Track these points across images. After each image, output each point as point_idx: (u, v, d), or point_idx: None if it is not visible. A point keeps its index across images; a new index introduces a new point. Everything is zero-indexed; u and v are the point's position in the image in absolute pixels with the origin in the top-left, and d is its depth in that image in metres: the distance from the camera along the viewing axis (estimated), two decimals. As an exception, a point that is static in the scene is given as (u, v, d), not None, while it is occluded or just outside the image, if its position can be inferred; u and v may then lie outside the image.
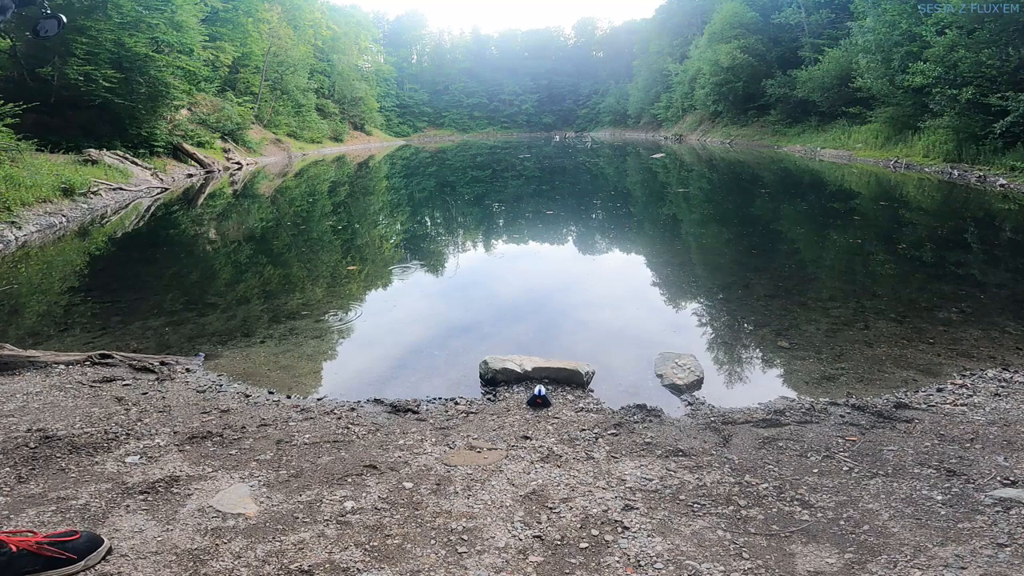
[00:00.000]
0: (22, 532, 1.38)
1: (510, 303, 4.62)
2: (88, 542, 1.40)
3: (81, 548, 1.37)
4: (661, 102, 45.73)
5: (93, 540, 1.41)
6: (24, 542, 1.32)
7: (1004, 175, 11.64)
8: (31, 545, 1.32)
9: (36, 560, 1.31)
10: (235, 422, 2.23)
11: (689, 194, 11.93)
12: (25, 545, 1.32)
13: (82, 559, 1.36)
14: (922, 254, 5.87)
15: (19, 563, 1.29)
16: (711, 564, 1.43)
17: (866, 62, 18.00)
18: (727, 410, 2.44)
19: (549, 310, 4.34)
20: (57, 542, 1.35)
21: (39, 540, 1.33)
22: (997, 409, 2.34)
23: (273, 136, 24.48)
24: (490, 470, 1.87)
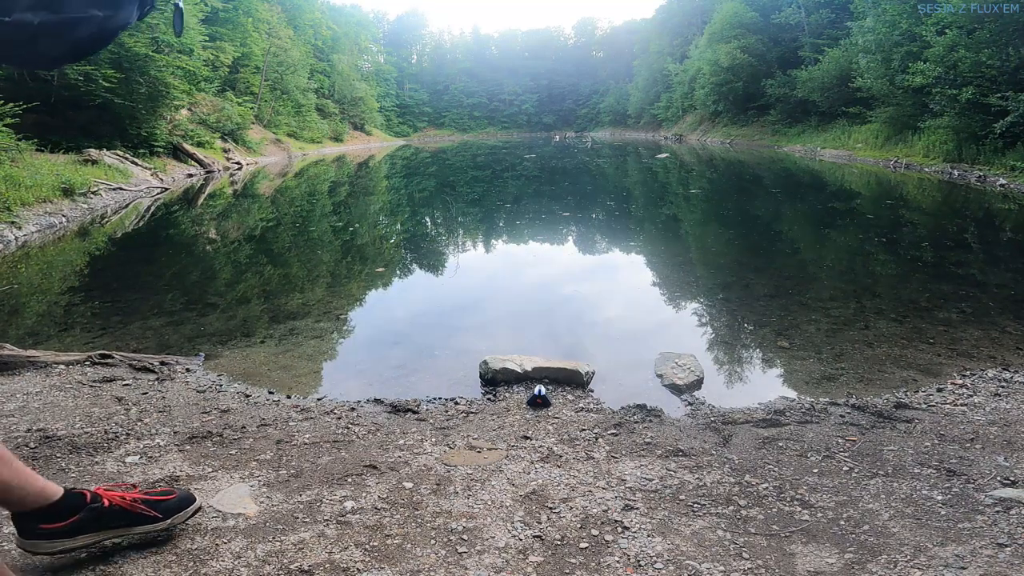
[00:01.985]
0: (121, 487, 1.42)
1: (510, 303, 4.63)
2: (179, 502, 1.45)
3: (171, 508, 1.43)
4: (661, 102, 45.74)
5: (184, 500, 1.46)
6: (118, 497, 1.36)
7: (1004, 175, 11.64)
8: (124, 501, 1.37)
9: (125, 516, 1.36)
10: (235, 422, 2.23)
11: (690, 194, 11.94)
12: (118, 501, 1.36)
13: (167, 519, 1.42)
14: (922, 254, 5.87)
15: (108, 518, 1.35)
16: (711, 564, 1.43)
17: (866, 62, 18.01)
18: (727, 410, 2.45)
19: (549, 310, 4.34)
20: (150, 500, 1.39)
21: (134, 496, 1.38)
22: (997, 409, 2.34)
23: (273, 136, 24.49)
24: (490, 470, 1.87)
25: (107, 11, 0.74)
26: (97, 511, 1.34)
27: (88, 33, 0.75)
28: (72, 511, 1.31)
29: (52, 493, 1.30)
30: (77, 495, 1.32)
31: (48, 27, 0.70)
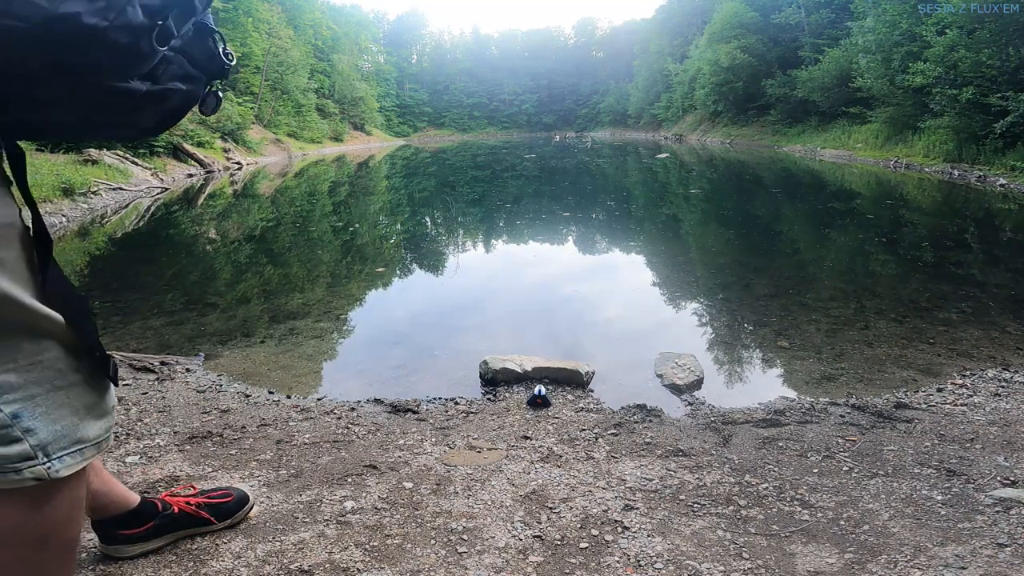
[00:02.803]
0: (181, 492, 1.51)
1: (510, 303, 4.63)
2: (236, 503, 1.54)
3: (231, 509, 1.52)
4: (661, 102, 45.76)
5: (240, 500, 1.55)
6: (183, 503, 1.45)
7: (1004, 175, 11.65)
8: (189, 507, 1.45)
9: (192, 520, 1.46)
10: (235, 422, 2.23)
11: (690, 194, 11.94)
12: (183, 507, 1.44)
13: (223, 520, 1.51)
14: (922, 254, 5.87)
15: (179, 523, 1.44)
16: (711, 564, 1.43)
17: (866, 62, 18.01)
18: (727, 410, 2.45)
19: (549, 310, 4.34)
20: (211, 504, 1.49)
21: (197, 502, 1.46)
22: (997, 409, 2.34)
23: (273, 136, 24.50)
24: (490, 470, 1.87)
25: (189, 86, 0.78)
26: (170, 517, 1.42)
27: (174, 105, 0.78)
28: (148, 517, 1.38)
29: (132, 500, 1.36)
30: (150, 503, 1.40)
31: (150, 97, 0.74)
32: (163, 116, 0.78)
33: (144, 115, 0.76)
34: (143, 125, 0.78)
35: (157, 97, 0.74)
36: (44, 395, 0.78)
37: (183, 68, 0.76)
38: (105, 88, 0.70)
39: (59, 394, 0.79)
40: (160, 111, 0.77)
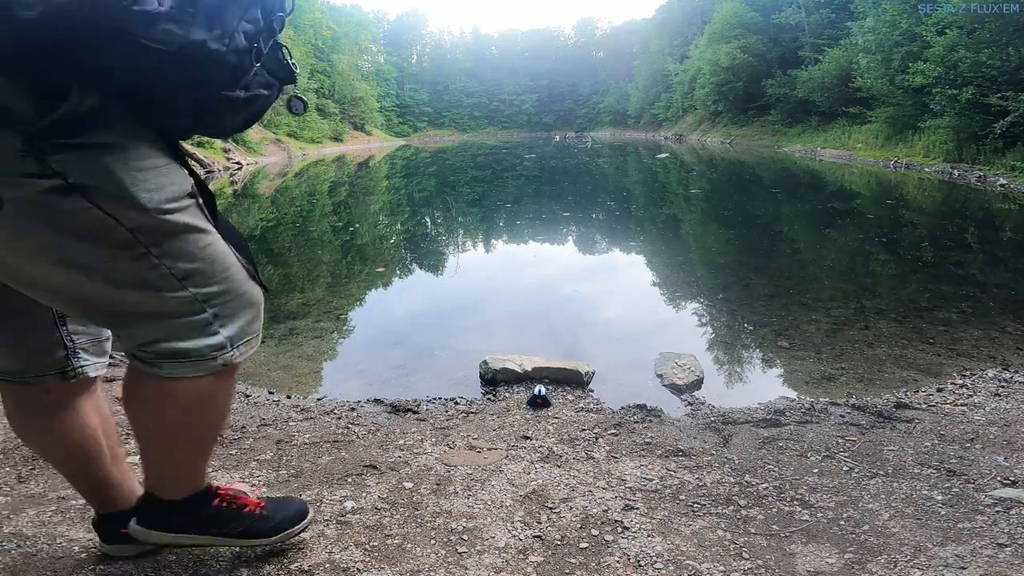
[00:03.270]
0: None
1: (510, 303, 4.63)
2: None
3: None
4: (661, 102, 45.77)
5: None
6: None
7: (1004, 175, 11.65)
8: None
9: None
10: (235, 422, 2.23)
11: (690, 194, 11.94)
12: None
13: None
14: (922, 254, 5.87)
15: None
16: (711, 564, 1.43)
17: (866, 62, 18.02)
18: (727, 410, 2.45)
19: (549, 310, 4.34)
20: None
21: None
22: (997, 409, 2.34)
23: (273, 136, 24.50)
24: (490, 470, 1.87)
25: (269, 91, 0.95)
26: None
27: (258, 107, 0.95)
28: None
29: (135, 495, 1.34)
30: None
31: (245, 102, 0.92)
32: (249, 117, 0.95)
33: (238, 117, 0.94)
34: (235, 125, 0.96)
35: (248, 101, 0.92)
36: (232, 300, 1.04)
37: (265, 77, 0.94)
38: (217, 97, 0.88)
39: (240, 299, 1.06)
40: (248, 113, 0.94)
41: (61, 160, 0.84)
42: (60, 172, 0.85)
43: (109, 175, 0.87)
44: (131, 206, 0.89)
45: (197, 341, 1.01)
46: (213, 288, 1.01)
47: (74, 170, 0.85)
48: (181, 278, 0.97)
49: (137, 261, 0.93)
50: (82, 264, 0.91)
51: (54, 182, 0.85)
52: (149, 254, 0.93)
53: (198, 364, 1.02)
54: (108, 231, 0.90)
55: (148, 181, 0.90)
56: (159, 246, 0.94)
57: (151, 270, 0.94)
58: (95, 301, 0.97)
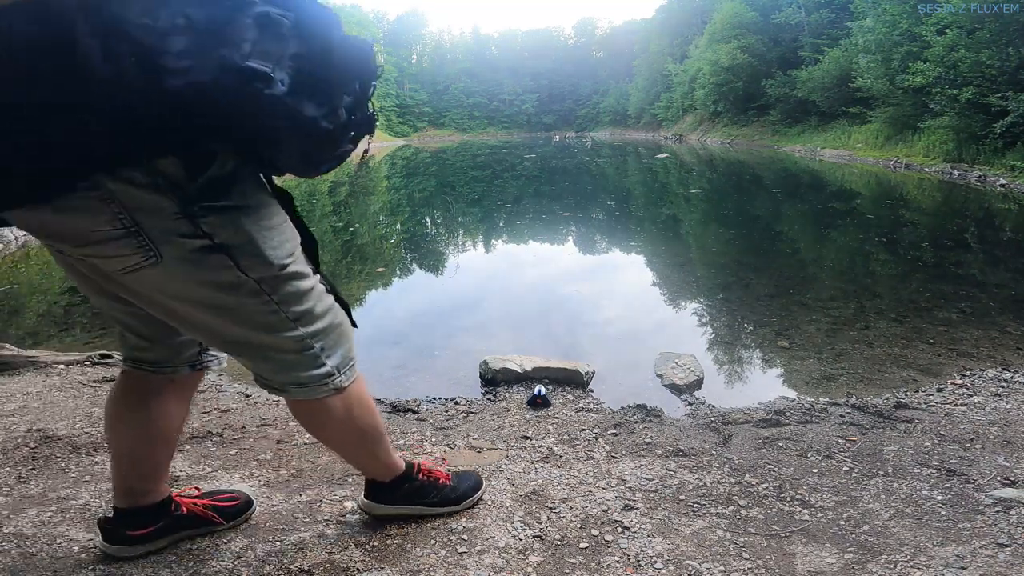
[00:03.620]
0: (187, 491, 1.53)
1: (510, 303, 4.63)
2: (244, 505, 1.56)
3: (234, 512, 1.55)
4: (661, 102, 45.77)
5: (247, 504, 1.57)
6: (191, 504, 1.47)
7: (1004, 175, 11.65)
8: (196, 507, 1.47)
9: (198, 521, 1.48)
10: (235, 422, 2.23)
11: (690, 194, 11.94)
12: (191, 507, 1.47)
13: (229, 522, 1.53)
14: (922, 254, 5.87)
15: (185, 523, 1.46)
16: (711, 564, 1.43)
17: (866, 62, 18.02)
18: (727, 410, 2.45)
19: (549, 310, 4.34)
20: (218, 507, 1.52)
21: (205, 503, 1.49)
22: (997, 409, 2.34)
23: (273, 136, 24.49)
24: (490, 470, 1.87)
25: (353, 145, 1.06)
26: (177, 518, 1.45)
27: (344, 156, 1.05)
28: (157, 517, 1.42)
29: (163, 493, 1.42)
30: (166, 501, 1.43)
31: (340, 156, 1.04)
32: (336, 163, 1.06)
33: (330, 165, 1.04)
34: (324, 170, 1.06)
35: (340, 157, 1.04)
36: (333, 333, 1.20)
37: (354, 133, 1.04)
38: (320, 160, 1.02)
39: (340, 332, 1.22)
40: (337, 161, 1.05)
41: (210, 223, 0.99)
42: (208, 233, 0.99)
43: (245, 235, 1.03)
44: (261, 263, 1.05)
45: (311, 372, 1.18)
46: (319, 325, 1.17)
47: (220, 232, 1.00)
48: (294, 320, 1.13)
49: (262, 307, 1.09)
50: (220, 309, 1.08)
51: (204, 242, 0.99)
52: (271, 301, 1.09)
53: (315, 389, 1.20)
54: (243, 283, 1.06)
55: (273, 239, 1.06)
56: (278, 293, 1.09)
57: (272, 314, 1.10)
58: (229, 339, 1.15)
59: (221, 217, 1.00)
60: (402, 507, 1.52)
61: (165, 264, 0.99)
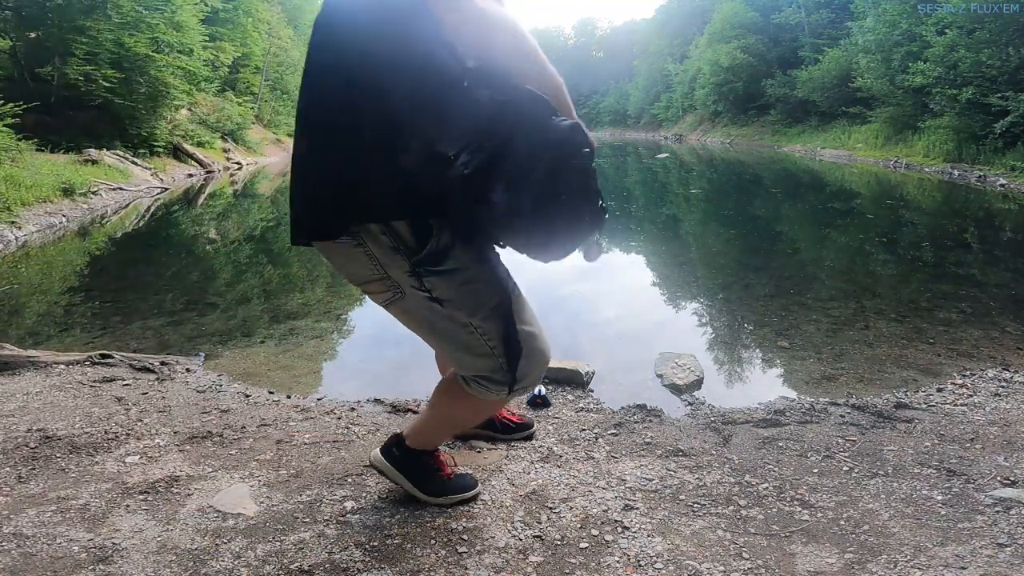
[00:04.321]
0: None
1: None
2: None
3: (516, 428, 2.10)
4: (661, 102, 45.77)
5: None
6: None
7: (1004, 175, 11.65)
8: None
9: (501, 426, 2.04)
10: (235, 422, 2.23)
11: (690, 194, 11.94)
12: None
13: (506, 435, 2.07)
14: (922, 254, 5.87)
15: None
16: (711, 564, 1.43)
17: (866, 62, 18.03)
18: (727, 410, 2.44)
19: (549, 310, 4.34)
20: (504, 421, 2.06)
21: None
22: (997, 409, 2.34)
23: (273, 136, 24.46)
24: (490, 470, 1.87)
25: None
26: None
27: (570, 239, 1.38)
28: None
29: None
30: None
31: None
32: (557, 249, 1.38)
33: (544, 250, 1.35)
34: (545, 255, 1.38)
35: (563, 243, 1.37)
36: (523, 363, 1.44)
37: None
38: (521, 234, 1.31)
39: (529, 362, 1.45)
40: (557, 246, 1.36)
41: (431, 282, 1.30)
42: (429, 289, 1.31)
43: (453, 292, 1.32)
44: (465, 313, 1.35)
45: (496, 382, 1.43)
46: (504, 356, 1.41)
47: (436, 289, 1.31)
48: (492, 347, 1.39)
49: (470, 335, 1.38)
50: (442, 333, 1.40)
51: (427, 294, 1.32)
52: (475, 332, 1.37)
53: (489, 393, 1.45)
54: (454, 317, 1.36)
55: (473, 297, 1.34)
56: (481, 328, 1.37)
57: (475, 340, 1.38)
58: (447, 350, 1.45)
59: (437, 279, 1.30)
60: (397, 473, 1.66)
61: (406, 300, 1.35)
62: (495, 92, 1.14)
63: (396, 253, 1.28)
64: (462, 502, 1.67)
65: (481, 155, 1.12)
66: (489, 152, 1.12)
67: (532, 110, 1.15)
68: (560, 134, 1.15)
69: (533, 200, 1.14)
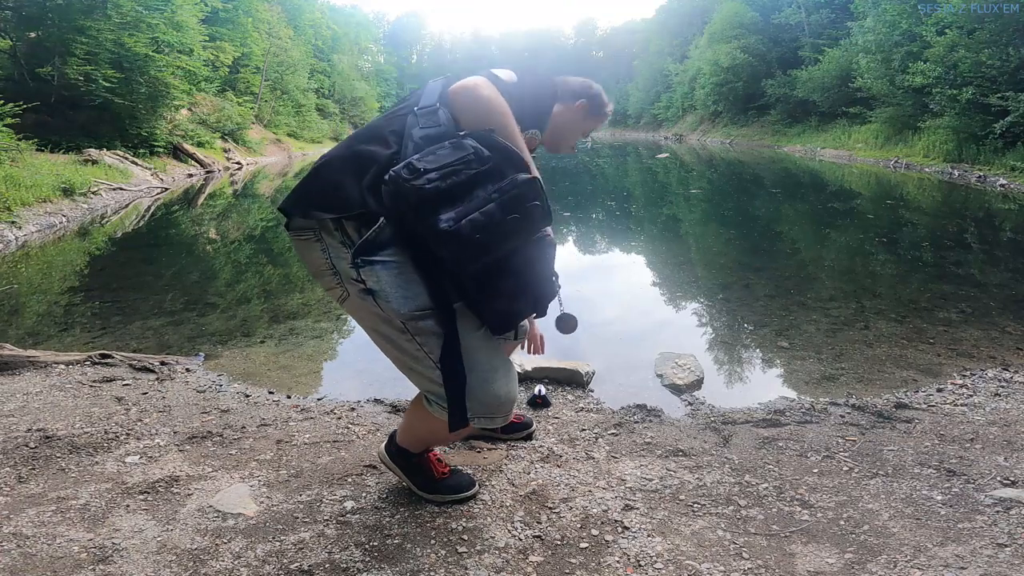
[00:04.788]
0: None
1: (510, 303, 4.61)
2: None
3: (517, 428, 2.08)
4: (661, 102, 45.74)
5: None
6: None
7: (1004, 175, 11.65)
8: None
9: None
10: (235, 422, 2.23)
11: (690, 194, 11.94)
12: None
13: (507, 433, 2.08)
14: (922, 254, 5.87)
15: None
16: (711, 564, 1.43)
17: (866, 62, 18.02)
18: (727, 410, 2.44)
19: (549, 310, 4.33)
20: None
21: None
22: (997, 409, 2.34)
23: (273, 136, 24.46)
24: (490, 470, 1.87)
25: None
26: None
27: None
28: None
29: None
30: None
31: None
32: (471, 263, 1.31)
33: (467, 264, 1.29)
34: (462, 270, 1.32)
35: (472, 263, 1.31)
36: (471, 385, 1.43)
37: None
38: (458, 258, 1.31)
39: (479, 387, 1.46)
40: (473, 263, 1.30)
41: (365, 272, 1.32)
42: (363, 280, 1.33)
43: (384, 283, 1.33)
44: (394, 309, 1.34)
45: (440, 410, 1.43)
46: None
47: (370, 279, 1.33)
48: (436, 361, 1.38)
49: (409, 343, 1.39)
50: (386, 336, 1.42)
51: (362, 287, 1.34)
52: (415, 340, 1.38)
53: (443, 413, 1.42)
54: (391, 320, 1.37)
55: (403, 289, 1.33)
56: (419, 336, 1.37)
57: (417, 351, 1.39)
58: (393, 359, 1.46)
59: (370, 269, 1.32)
60: (397, 469, 1.72)
61: (351, 300, 1.39)
62: (480, 144, 1.29)
63: (343, 247, 1.35)
64: (458, 501, 1.68)
65: (452, 180, 1.24)
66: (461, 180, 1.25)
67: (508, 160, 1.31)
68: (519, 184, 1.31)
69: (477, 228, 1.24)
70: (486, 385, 1.41)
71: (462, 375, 1.38)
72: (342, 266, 1.36)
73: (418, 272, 1.35)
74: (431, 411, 1.47)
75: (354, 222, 1.33)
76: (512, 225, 1.28)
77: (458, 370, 1.38)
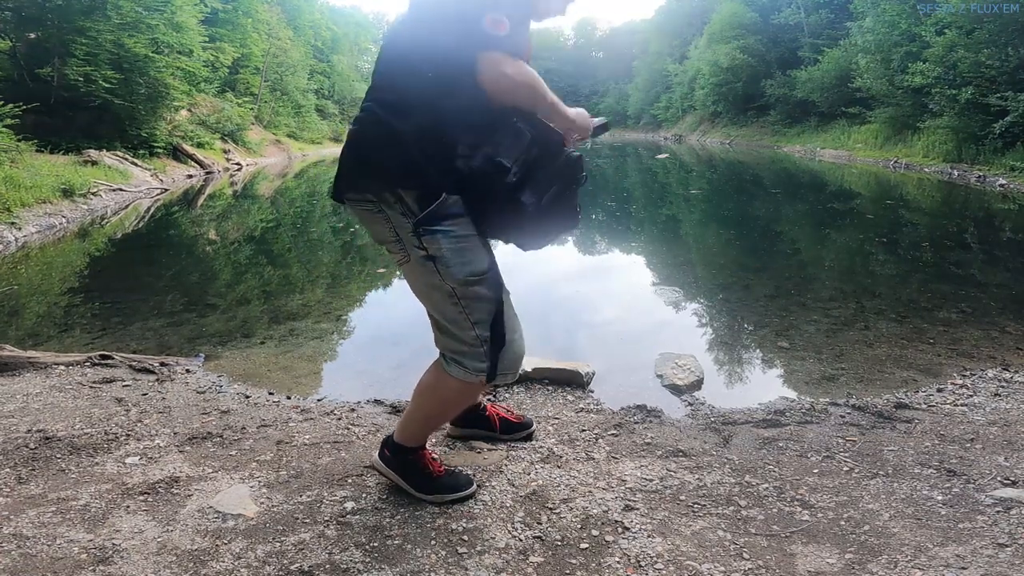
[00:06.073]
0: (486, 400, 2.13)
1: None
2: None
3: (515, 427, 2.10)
4: (661, 102, 45.76)
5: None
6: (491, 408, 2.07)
7: (1004, 175, 11.66)
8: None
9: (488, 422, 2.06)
10: (235, 423, 2.23)
11: (690, 195, 11.95)
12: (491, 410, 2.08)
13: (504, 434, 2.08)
14: (922, 254, 5.88)
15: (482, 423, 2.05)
16: (711, 564, 1.43)
17: (866, 62, 18.03)
18: (727, 410, 2.44)
19: (549, 310, 4.34)
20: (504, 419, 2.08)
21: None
22: (997, 409, 2.34)
23: (273, 137, 24.45)
24: (490, 471, 1.87)
25: None
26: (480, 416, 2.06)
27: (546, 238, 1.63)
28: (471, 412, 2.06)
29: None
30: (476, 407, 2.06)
31: None
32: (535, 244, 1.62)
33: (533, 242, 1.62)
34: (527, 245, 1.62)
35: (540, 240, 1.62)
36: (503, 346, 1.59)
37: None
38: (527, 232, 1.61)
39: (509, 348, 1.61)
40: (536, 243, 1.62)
41: (427, 240, 1.45)
42: (426, 247, 1.46)
43: (444, 250, 1.46)
44: (450, 275, 1.48)
45: (473, 363, 1.55)
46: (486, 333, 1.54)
47: (431, 246, 1.46)
48: (473, 324, 1.52)
49: (454, 306, 1.52)
50: (434, 300, 1.55)
51: (424, 253, 1.47)
52: (459, 304, 1.51)
53: (468, 375, 1.55)
54: (443, 285, 1.50)
55: (462, 256, 1.47)
56: (465, 299, 1.51)
57: (459, 314, 1.52)
58: (437, 319, 1.58)
59: (432, 237, 1.45)
60: (390, 471, 1.74)
61: (412, 264, 1.51)
62: (528, 127, 1.46)
63: (404, 218, 1.47)
64: (457, 501, 1.68)
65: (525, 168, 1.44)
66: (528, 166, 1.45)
67: (555, 142, 1.53)
68: (572, 160, 1.55)
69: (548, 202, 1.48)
70: (513, 346, 1.58)
71: (506, 337, 1.55)
72: (405, 234, 1.48)
73: (479, 244, 1.51)
74: (448, 371, 1.58)
75: (414, 192, 1.45)
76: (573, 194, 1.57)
77: (503, 333, 1.55)
